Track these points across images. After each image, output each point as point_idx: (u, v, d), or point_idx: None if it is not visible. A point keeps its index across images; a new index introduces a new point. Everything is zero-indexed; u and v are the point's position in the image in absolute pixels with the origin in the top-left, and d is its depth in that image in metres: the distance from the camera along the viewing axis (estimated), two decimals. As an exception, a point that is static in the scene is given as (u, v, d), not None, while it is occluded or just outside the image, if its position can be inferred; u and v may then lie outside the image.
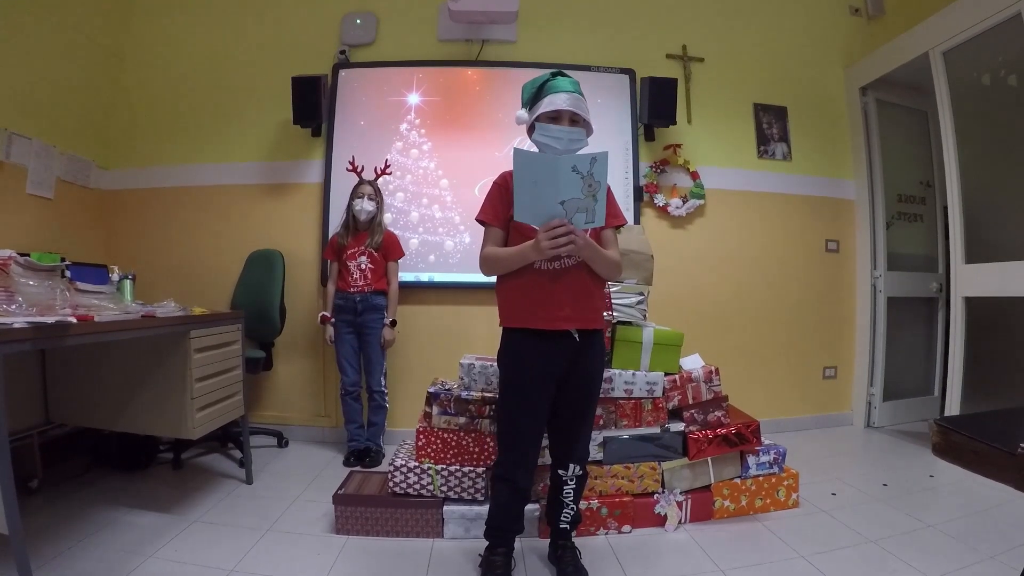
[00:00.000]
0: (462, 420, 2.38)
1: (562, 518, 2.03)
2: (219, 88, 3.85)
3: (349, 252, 3.23)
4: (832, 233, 4.14)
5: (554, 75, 1.90)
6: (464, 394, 2.39)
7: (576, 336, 1.84)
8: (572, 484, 2.00)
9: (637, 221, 3.79)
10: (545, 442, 2.08)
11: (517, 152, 1.63)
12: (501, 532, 1.99)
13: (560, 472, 2.00)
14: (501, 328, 1.95)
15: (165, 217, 3.81)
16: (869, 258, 4.06)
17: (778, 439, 2.87)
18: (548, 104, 1.83)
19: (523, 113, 1.95)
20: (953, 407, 3.36)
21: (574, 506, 2.03)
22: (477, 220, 1.95)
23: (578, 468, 1.99)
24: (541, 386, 1.87)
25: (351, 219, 3.27)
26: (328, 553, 2.15)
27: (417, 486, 2.34)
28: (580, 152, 1.83)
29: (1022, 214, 3.25)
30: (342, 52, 3.80)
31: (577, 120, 1.85)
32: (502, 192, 1.90)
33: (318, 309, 3.59)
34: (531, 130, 1.91)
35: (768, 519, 2.49)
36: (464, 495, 2.33)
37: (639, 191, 3.82)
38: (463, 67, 3.81)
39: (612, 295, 2.53)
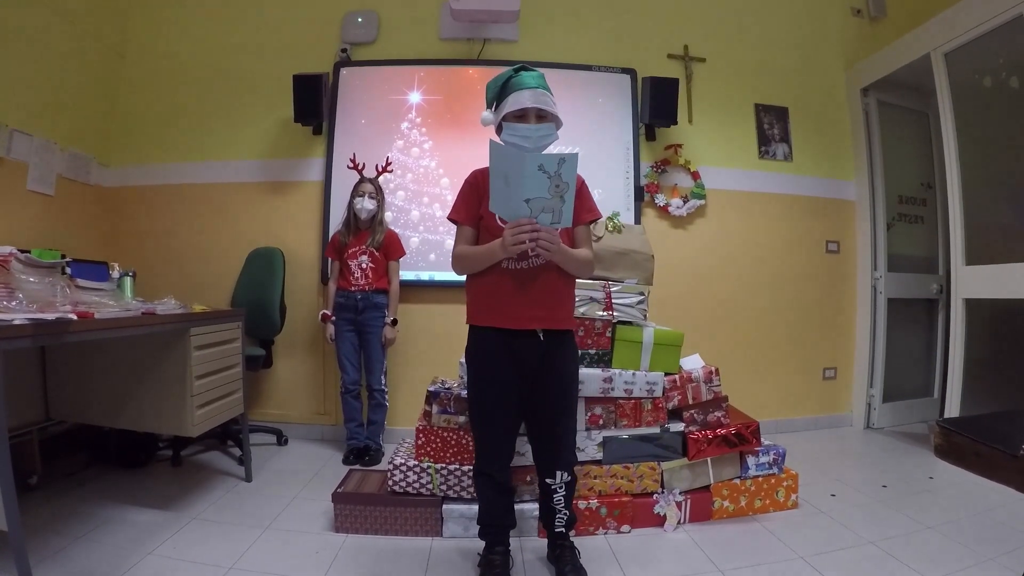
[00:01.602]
0: (462, 419, 2.38)
1: (556, 523, 2.02)
2: (220, 85, 3.84)
3: (351, 251, 3.23)
4: (833, 234, 4.14)
5: (517, 71, 1.88)
6: (464, 393, 2.39)
7: (541, 335, 1.84)
8: (562, 491, 1.98)
9: (638, 221, 3.79)
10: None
11: (493, 145, 1.63)
12: (493, 528, 1.99)
13: (548, 481, 1.98)
14: (468, 326, 1.95)
15: (166, 214, 3.81)
16: (870, 259, 4.06)
17: (778, 440, 2.87)
18: (513, 103, 1.82)
19: (488, 114, 1.95)
20: (953, 409, 3.35)
21: (567, 511, 2.01)
22: (448, 219, 1.97)
23: (566, 475, 1.98)
24: (508, 382, 1.87)
25: (352, 217, 3.27)
26: (327, 551, 2.15)
27: (416, 485, 2.34)
28: (551, 149, 1.82)
29: (1022, 215, 3.24)
30: (343, 50, 3.80)
31: (544, 115, 1.84)
32: (472, 190, 1.92)
33: (318, 307, 3.59)
34: (500, 130, 1.90)
35: (767, 520, 2.49)
36: (463, 494, 2.33)
37: (640, 191, 3.82)
38: (464, 66, 3.80)
39: (612, 295, 2.53)
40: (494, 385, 1.89)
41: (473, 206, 1.91)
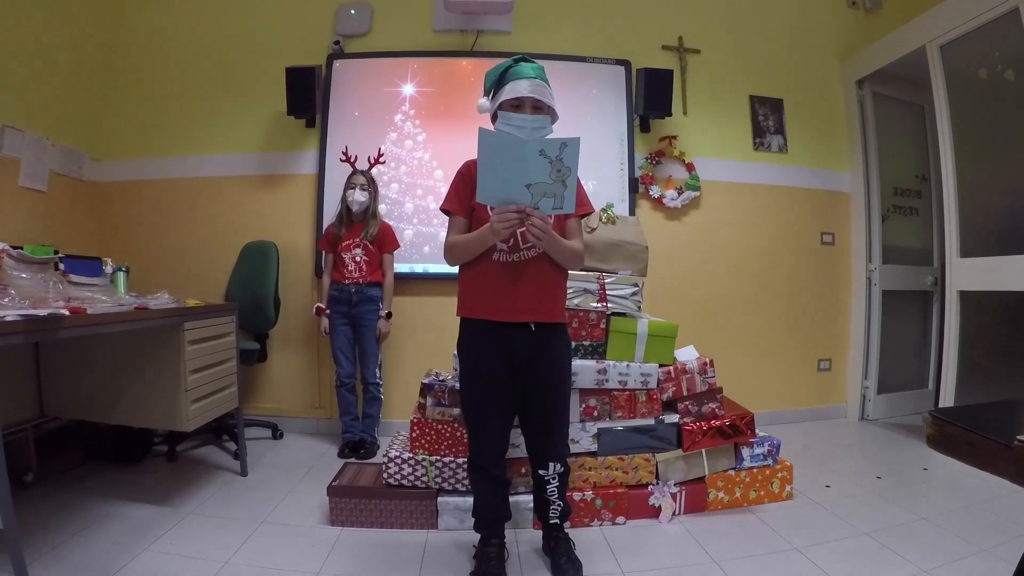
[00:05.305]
0: (456, 411, 2.37)
1: (550, 514, 2.02)
2: (212, 79, 3.82)
3: (344, 244, 3.22)
4: (827, 226, 4.15)
5: (516, 61, 1.87)
6: (458, 385, 2.38)
7: (532, 328, 1.84)
8: (555, 483, 1.98)
9: (632, 212, 3.78)
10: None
11: (483, 132, 1.60)
12: (489, 521, 1.99)
13: (541, 472, 1.98)
14: (459, 318, 1.94)
15: (159, 209, 3.79)
16: (864, 251, 4.06)
17: (772, 431, 2.87)
18: (510, 91, 1.80)
19: (484, 101, 1.95)
20: (947, 400, 3.37)
21: (560, 502, 2.01)
22: (441, 209, 1.95)
23: (559, 466, 1.98)
24: (500, 376, 1.87)
25: (345, 210, 3.25)
26: (322, 545, 2.15)
27: (411, 477, 2.34)
28: (547, 137, 1.80)
29: (1017, 208, 3.25)
30: (336, 43, 3.77)
31: (541, 107, 1.83)
32: (465, 180, 1.90)
33: (313, 301, 3.58)
34: (494, 118, 1.89)
35: (762, 511, 2.50)
36: (458, 486, 2.33)
37: (634, 182, 3.81)
38: (458, 58, 3.78)
39: (606, 286, 2.53)
40: (486, 379, 1.89)
41: (466, 197, 1.89)
